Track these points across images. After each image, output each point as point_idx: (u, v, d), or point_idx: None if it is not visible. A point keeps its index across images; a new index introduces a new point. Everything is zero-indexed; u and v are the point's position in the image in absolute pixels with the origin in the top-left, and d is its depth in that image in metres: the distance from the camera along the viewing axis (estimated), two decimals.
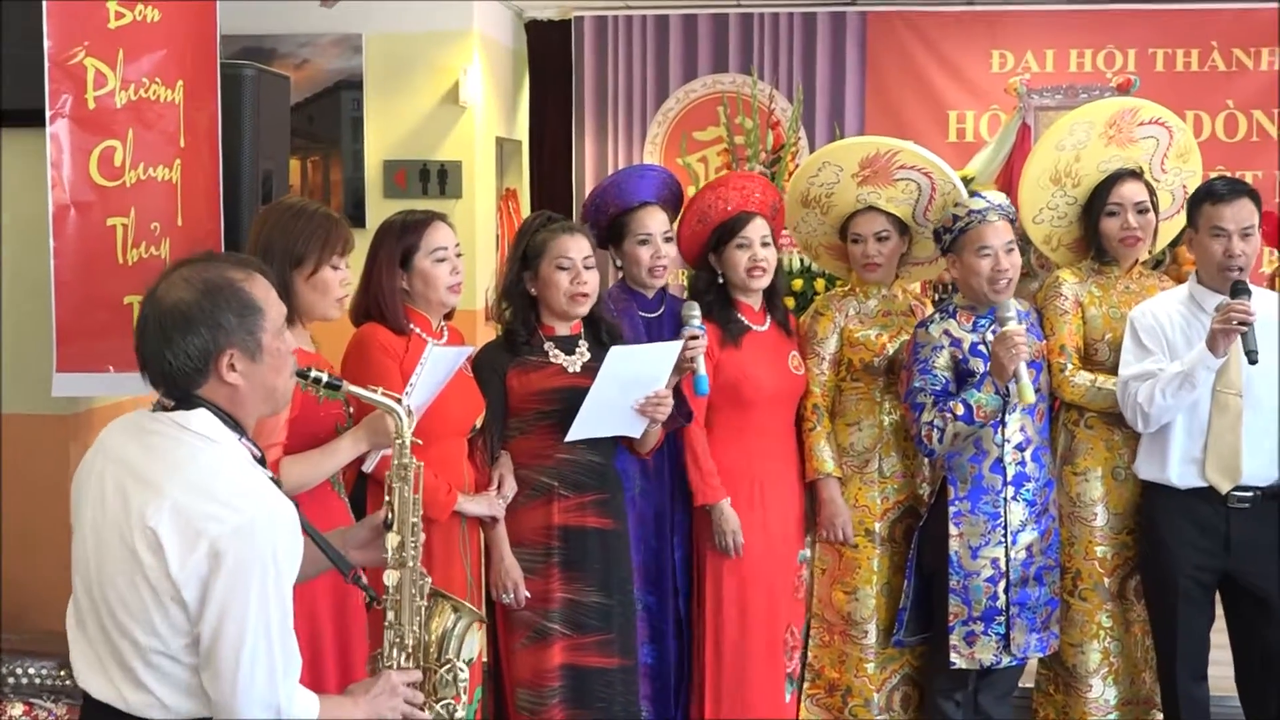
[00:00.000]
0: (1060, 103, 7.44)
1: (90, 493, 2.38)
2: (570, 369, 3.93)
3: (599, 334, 4.01)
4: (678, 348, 3.93)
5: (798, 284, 6.13)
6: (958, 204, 4.29)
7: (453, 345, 3.73)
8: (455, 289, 3.78)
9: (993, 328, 4.10)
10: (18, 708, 3.56)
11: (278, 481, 2.43)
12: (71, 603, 2.44)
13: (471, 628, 2.83)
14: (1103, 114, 4.52)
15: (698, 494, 4.21)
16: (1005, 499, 4.16)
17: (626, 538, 4.05)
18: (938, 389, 4.09)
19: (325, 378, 2.72)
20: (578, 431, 3.81)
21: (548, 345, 3.94)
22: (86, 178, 3.56)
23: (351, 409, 3.45)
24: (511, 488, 3.86)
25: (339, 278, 3.42)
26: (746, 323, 4.31)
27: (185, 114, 3.86)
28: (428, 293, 3.73)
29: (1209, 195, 4.12)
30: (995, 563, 4.16)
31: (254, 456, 2.41)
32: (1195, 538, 4.12)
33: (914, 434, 4.15)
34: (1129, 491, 4.34)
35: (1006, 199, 4.33)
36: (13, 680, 3.62)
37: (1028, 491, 4.18)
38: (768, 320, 4.37)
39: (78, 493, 2.44)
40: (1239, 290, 3.98)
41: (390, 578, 2.71)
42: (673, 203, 4.46)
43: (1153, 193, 4.42)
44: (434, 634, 2.78)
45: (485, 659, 3.97)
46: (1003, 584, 4.16)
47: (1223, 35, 8.28)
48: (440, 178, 7.68)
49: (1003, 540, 4.16)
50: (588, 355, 3.96)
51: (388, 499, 2.74)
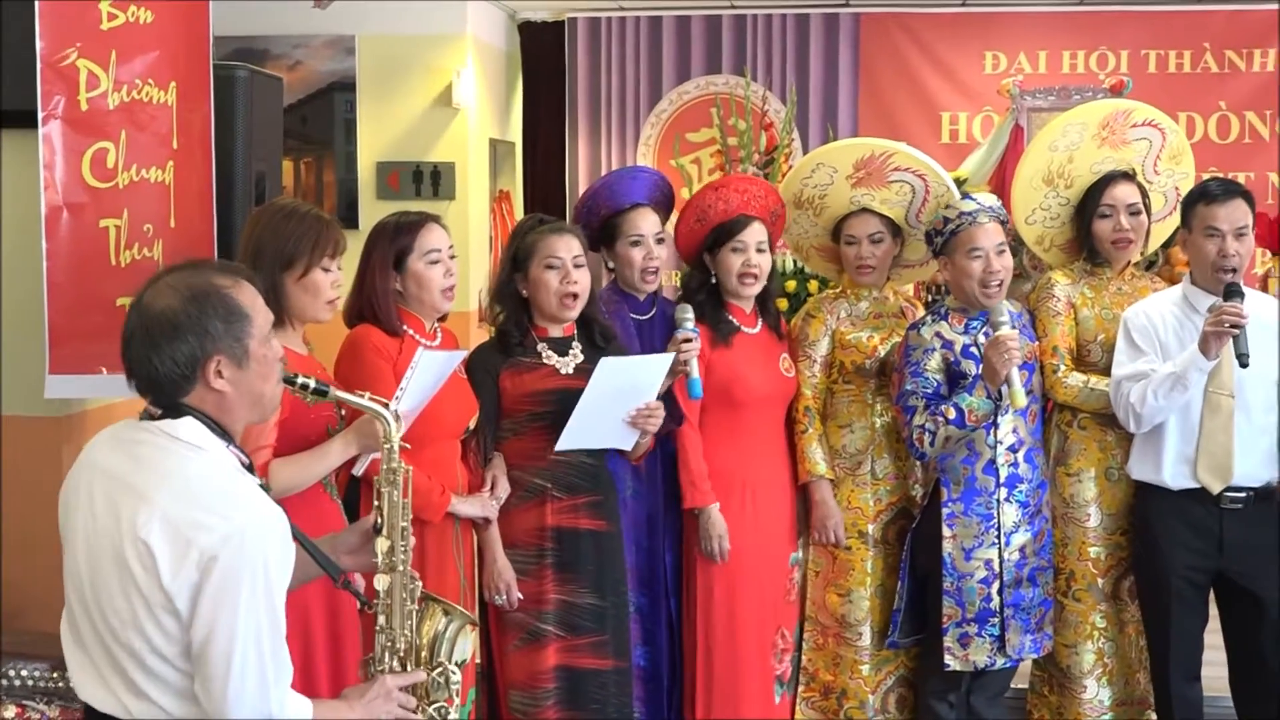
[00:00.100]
0: (1053, 104, 7.45)
1: (79, 506, 2.37)
2: (563, 370, 3.92)
3: (592, 336, 4.01)
4: (669, 360, 3.92)
5: (791, 285, 6.11)
6: (948, 206, 4.28)
7: (446, 348, 3.73)
8: (449, 292, 3.77)
9: (984, 330, 4.10)
10: (10, 710, 3.55)
11: (266, 488, 2.42)
12: (66, 616, 2.43)
13: (464, 630, 2.83)
14: (1096, 115, 4.52)
15: (686, 497, 4.21)
16: (998, 500, 4.16)
17: (620, 539, 4.04)
18: (929, 392, 4.09)
19: (313, 383, 2.71)
20: (567, 442, 3.80)
21: (541, 347, 3.94)
22: (79, 179, 3.55)
23: (343, 411, 3.44)
24: (505, 489, 3.86)
25: (330, 280, 3.40)
26: (737, 324, 4.30)
27: (178, 115, 3.85)
28: (421, 295, 3.72)
29: (1203, 196, 4.12)
30: (989, 564, 4.16)
31: (242, 464, 2.40)
32: (1188, 538, 4.12)
33: (905, 437, 4.15)
34: (1122, 492, 4.33)
35: (998, 200, 4.32)
36: (4, 682, 3.61)
37: (1020, 493, 4.19)
38: (759, 322, 4.36)
39: (66, 506, 2.43)
40: (1232, 292, 3.98)
41: (381, 582, 2.71)
42: (664, 204, 4.45)
43: (1145, 194, 4.42)
44: (425, 637, 2.78)
45: (478, 661, 3.97)
46: (996, 585, 4.16)
47: (1215, 37, 8.31)
48: (433, 179, 7.69)
49: (996, 542, 4.16)
50: (581, 357, 3.95)
51: (377, 504, 2.73)
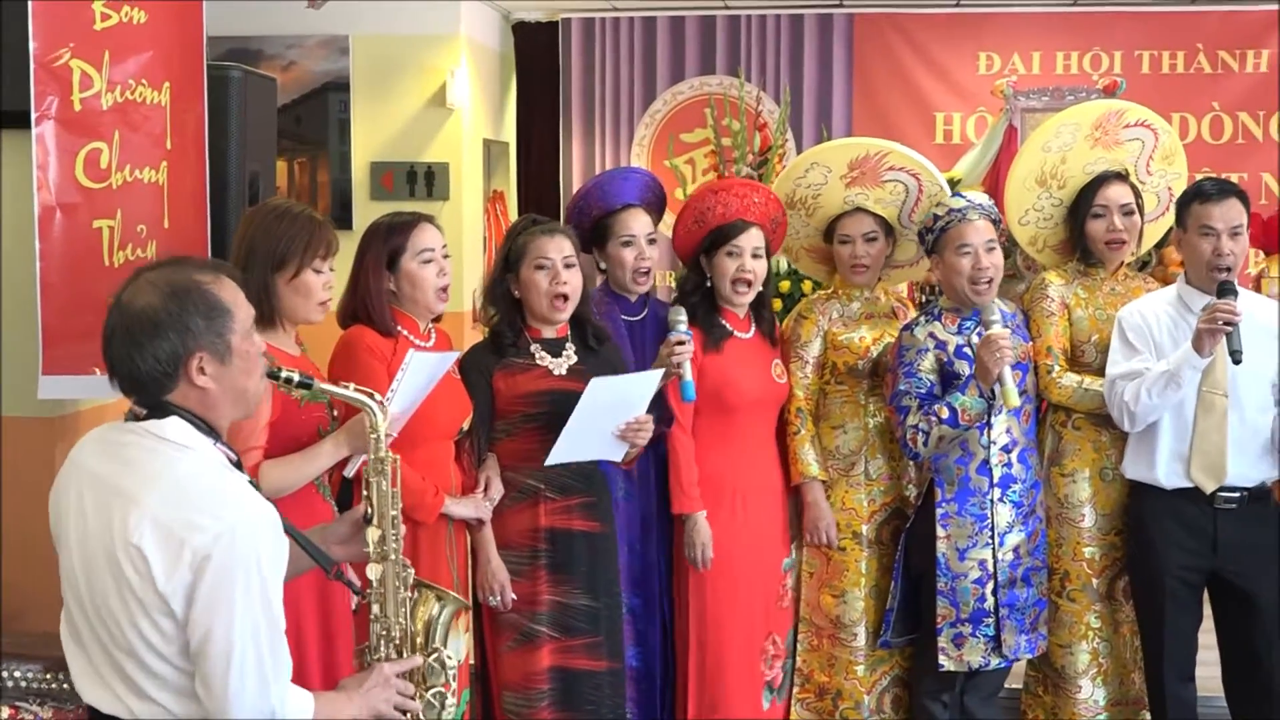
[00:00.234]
0: (1046, 104, 7.45)
1: (70, 511, 2.37)
2: (556, 371, 3.92)
3: (585, 337, 4.00)
4: (658, 376, 3.91)
5: (785, 286, 6.12)
6: (939, 203, 4.29)
7: (440, 349, 3.72)
8: (443, 292, 3.76)
9: (978, 330, 4.11)
10: (4, 711, 3.54)
11: (256, 488, 2.42)
12: (65, 617, 2.43)
13: (459, 625, 2.84)
14: (1089, 116, 4.52)
15: (674, 502, 4.20)
16: (992, 500, 4.16)
17: (614, 540, 4.04)
18: (923, 392, 4.09)
19: (297, 376, 2.70)
20: (557, 456, 3.78)
21: (534, 348, 3.94)
22: (72, 180, 3.54)
23: (336, 413, 3.43)
24: (498, 490, 3.86)
25: (322, 281, 3.40)
26: (730, 328, 4.29)
27: (172, 116, 3.85)
28: (415, 295, 3.72)
29: (1198, 195, 4.12)
30: (983, 564, 4.16)
31: (230, 460, 2.40)
32: (1182, 538, 4.13)
33: (899, 437, 4.15)
34: (1116, 492, 4.34)
35: (989, 199, 4.33)
36: None
37: (1014, 493, 4.19)
38: (752, 328, 4.35)
39: (56, 511, 2.42)
40: (1225, 290, 3.99)
41: (373, 571, 2.72)
42: (656, 205, 4.45)
43: (1138, 194, 4.43)
44: (419, 623, 2.79)
45: (472, 662, 3.96)
46: (990, 585, 4.16)
47: (1209, 38, 8.32)
48: (427, 180, 7.68)
49: (990, 542, 4.16)
50: (574, 358, 3.95)
51: (366, 493, 2.73)
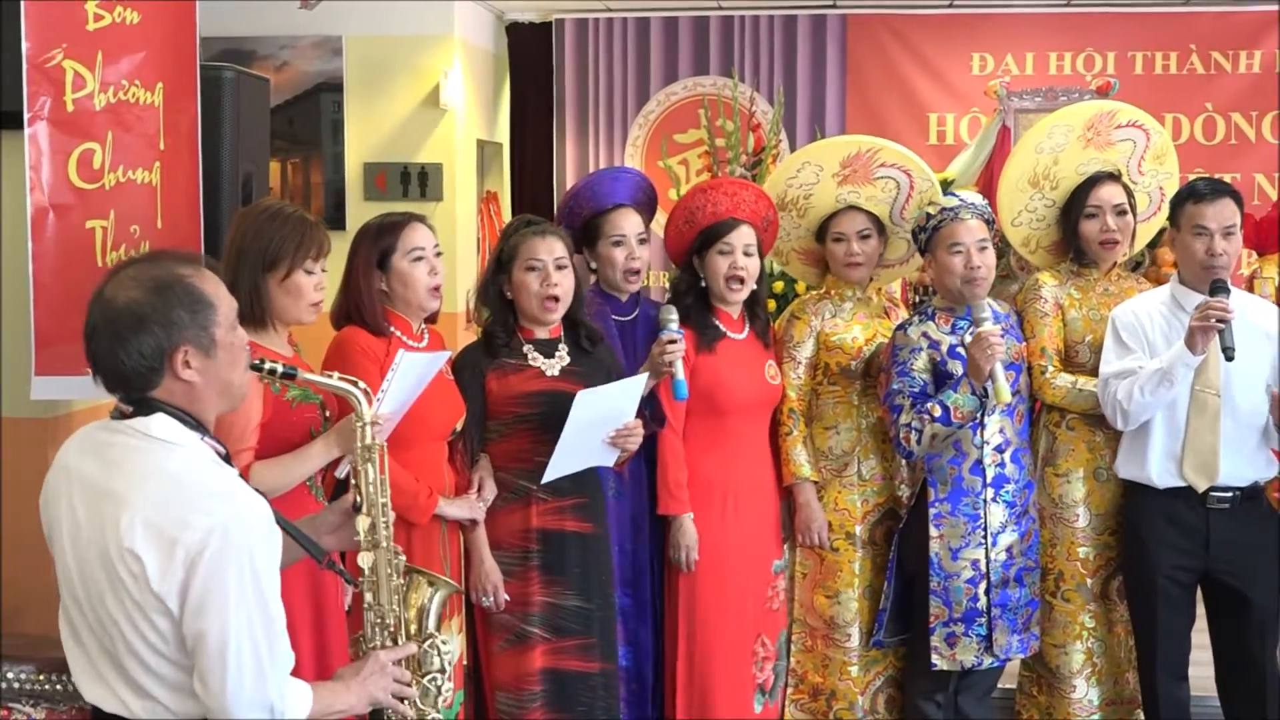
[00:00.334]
0: (1040, 105, 7.46)
1: (61, 514, 2.36)
2: (549, 372, 3.92)
3: (579, 337, 4.01)
4: (643, 381, 3.91)
5: (779, 286, 6.11)
6: (931, 202, 4.29)
7: (432, 349, 3.72)
8: (435, 291, 3.75)
9: (971, 330, 4.11)
10: None
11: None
12: (63, 616, 2.42)
13: (452, 625, 2.83)
14: (1080, 117, 4.53)
15: (661, 503, 4.20)
16: (985, 500, 4.17)
17: (606, 542, 4.04)
18: (916, 391, 4.10)
19: (280, 368, 2.69)
20: (553, 472, 3.79)
21: (526, 348, 3.93)
22: (65, 180, 3.53)
23: (329, 413, 3.43)
24: (491, 490, 3.86)
25: (313, 282, 3.39)
26: (723, 329, 4.28)
27: (165, 116, 3.84)
28: (407, 294, 3.71)
29: (1191, 195, 4.13)
30: (975, 564, 4.16)
31: (219, 454, 2.39)
32: (1175, 538, 4.13)
33: (892, 436, 4.16)
34: (1111, 492, 4.35)
35: (982, 198, 4.34)
36: None
37: (1007, 493, 4.19)
38: (746, 328, 4.34)
39: (47, 513, 2.41)
40: (1218, 288, 3.99)
41: (365, 559, 2.71)
42: (647, 205, 4.44)
43: (1131, 195, 4.43)
44: (412, 610, 2.79)
45: (466, 662, 3.96)
46: (983, 585, 4.17)
47: (1202, 38, 8.33)
48: (421, 180, 7.67)
49: (983, 542, 4.16)
50: (567, 359, 3.95)
51: (354, 481, 2.73)
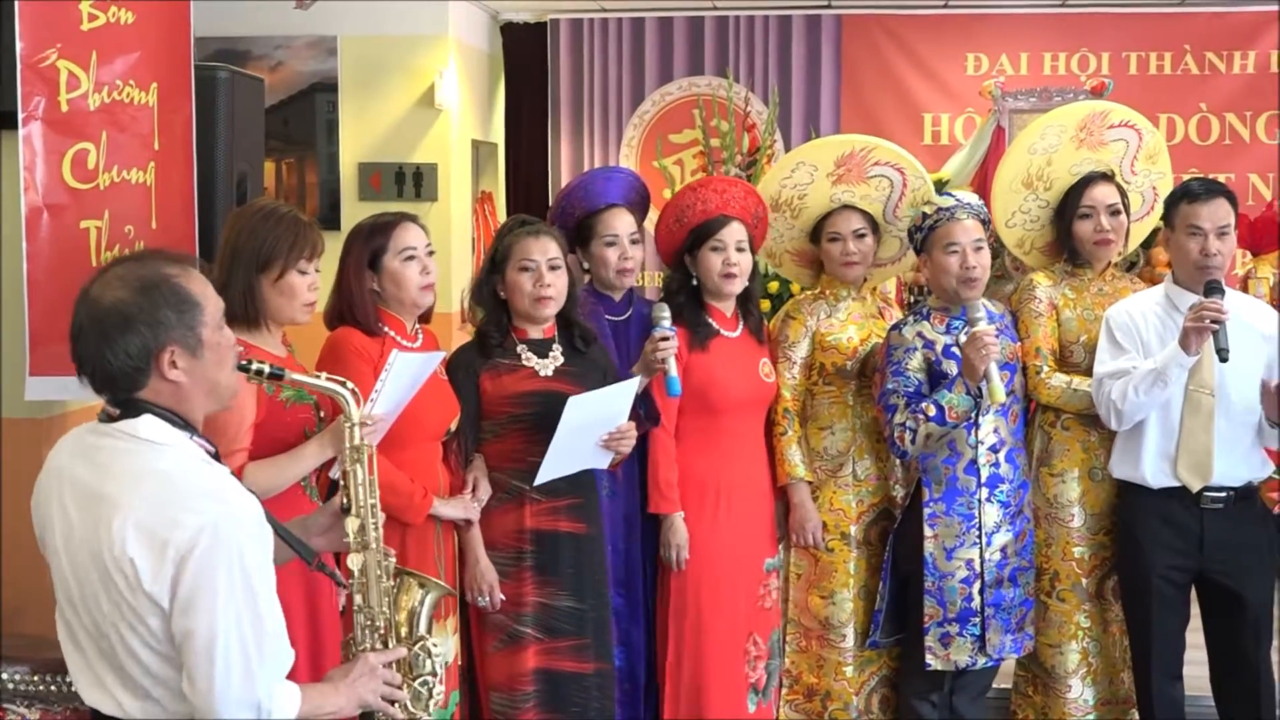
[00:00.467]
0: (1034, 105, 7.47)
1: (54, 518, 2.36)
2: (542, 372, 3.92)
3: (573, 337, 4.00)
4: (635, 385, 3.91)
5: (773, 286, 6.11)
6: (927, 202, 4.30)
7: (426, 349, 3.72)
8: (428, 289, 3.75)
9: (965, 330, 4.11)
10: None
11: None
12: (60, 620, 2.42)
13: (446, 628, 2.83)
14: (1073, 118, 4.53)
15: (652, 502, 4.20)
16: (979, 500, 4.17)
17: (600, 542, 4.04)
18: (910, 390, 4.10)
19: (267, 368, 2.68)
20: (545, 474, 3.79)
21: (520, 348, 3.93)
22: (59, 180, 3.53)
23: (323, 414, 3.43)
24: (486, 490, 3.85)
25: (307, 282, 3.39)
26: (716, 327, 4.28)
27: (159, 116, 3.84)
28: (399, 294, 3.71)
29: (1186, 195, 4.13)
30: (970, 564, 4.17)
31: (208, 453, 2.38)
32: (1170, 538, 4.14)
33: (887, 435, 4.16)
34: (1105, 492, 4.35)
35: (978, 198, 4.34)
36: None
37: (1002, 493, 4.20)
38: (740, 326, 4.34)
39: (40, 517, 2.41)
40: (1212, 288, 4.00)
41: (354, 561, 2.71)
42: (639, 205, 4.44)
43: (1124, 194, 4.44)
44: (403, 612, 2.78)
45: (460, 662, 3.96)
46: (977, 585, 4.17)
47: (1196, 39, 8.33)
48: (416, 180, 7.67)
49: (977, 541, 4.17)
50: (561, 359, 3.95)
51: (343, 483, 2.72)
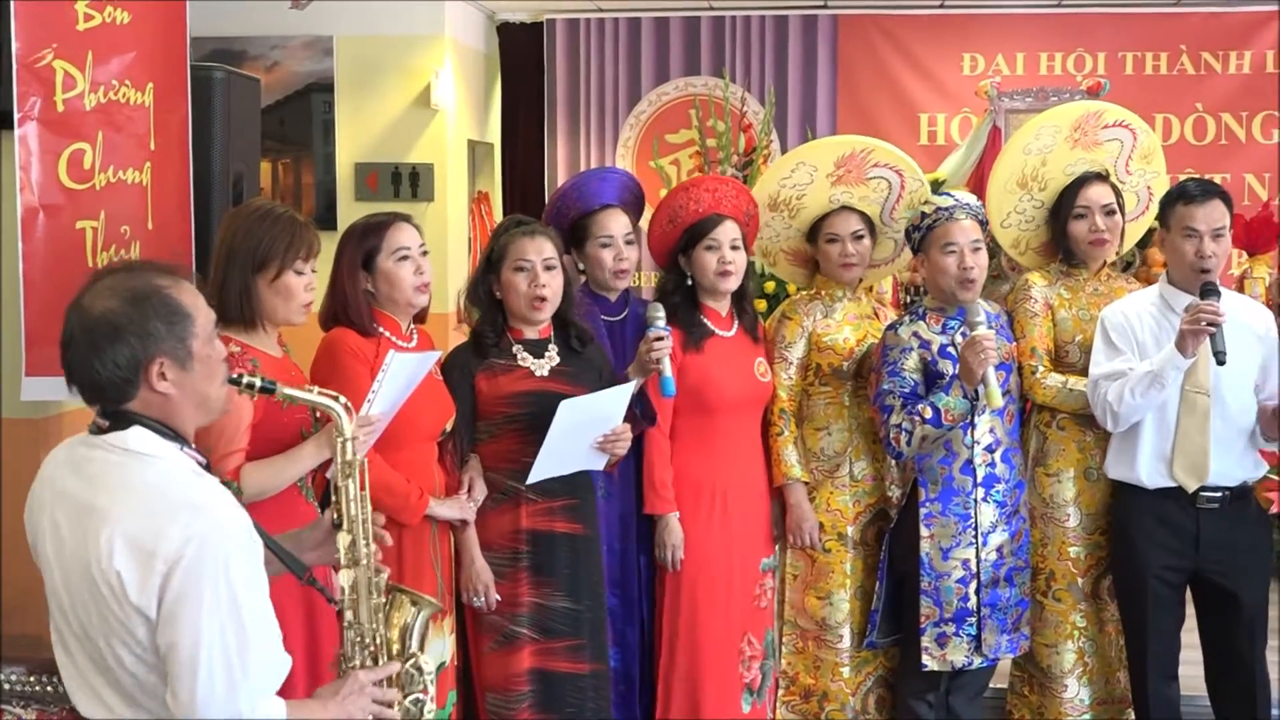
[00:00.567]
0: (1031, 105, 7.46)
1: (45, 529, 2.36)
2: (538, 373, 3.91)
3: (568, 338, 4.00)
4: (629, 389, 3.90)
5: (770, 286, 6.11)
6: (925, 202, 4.30)
7: (422, 349, 3.71)
8: (422, 289, 3.74)
9: (962, 330, 4.11)
10: None
11: (237, 491, 2.39)
12: (53, 629, 2.41)
13: (442, 626, 2.81)
14: (1068, 118, 4.53)
15: (647, 502, 4.19)
16: (975, 500, 4.17)
17: (597, 543, 4.03)
18: (906, 391, 4.10)
19: (259, 382, 2.67)
20: (538, 474, 3.79)
21: (516, 349, 3.93)
22: (55, 181, 3.53)
23: (318, 414, 3.42)
24: (482, 491, 3.85)
25: (303, 283, 3.39)
26: (711, 327, 4.27)
27: (155, 116, 3.84)
28: (393, 294, 3.70)
29: (1181, 196, 4.13)
30: (966, 564, 4.17)
31: (199, 464, 2.38)
32: (1165, 538, 4.14)
33: (882, 436, 4.16)
34: (1101, 492, 4.35)
35: (976, 199, 4.34)
36: None
37: (998, 493, 4.20)
38: (735, 325, 4.33)
39: (32, 527, 2.41)
40: (1208, 291, 4.00)
41: (345, 577, 2.67)
42: (634, 205, 4.44)
43: (1119, 194, 4.44)
44: (395, 629, 2.76)
45: (457, 663, 3.96)
46: (974, 585, 4.17)
47: (1192, 39, 8.35)
48: (412, 180, 7.67)
49: (973, 541, 4.17)
50: (556, 359, 3.95)
51: (335, 498, 2.70)
